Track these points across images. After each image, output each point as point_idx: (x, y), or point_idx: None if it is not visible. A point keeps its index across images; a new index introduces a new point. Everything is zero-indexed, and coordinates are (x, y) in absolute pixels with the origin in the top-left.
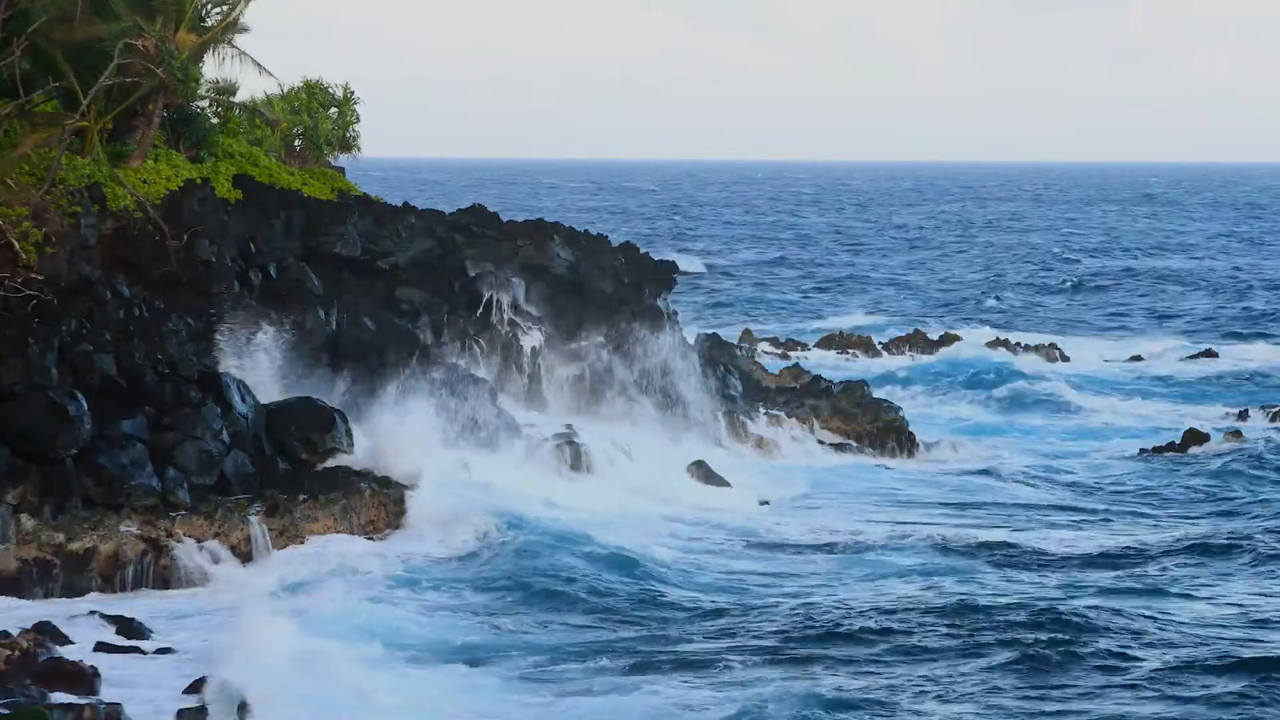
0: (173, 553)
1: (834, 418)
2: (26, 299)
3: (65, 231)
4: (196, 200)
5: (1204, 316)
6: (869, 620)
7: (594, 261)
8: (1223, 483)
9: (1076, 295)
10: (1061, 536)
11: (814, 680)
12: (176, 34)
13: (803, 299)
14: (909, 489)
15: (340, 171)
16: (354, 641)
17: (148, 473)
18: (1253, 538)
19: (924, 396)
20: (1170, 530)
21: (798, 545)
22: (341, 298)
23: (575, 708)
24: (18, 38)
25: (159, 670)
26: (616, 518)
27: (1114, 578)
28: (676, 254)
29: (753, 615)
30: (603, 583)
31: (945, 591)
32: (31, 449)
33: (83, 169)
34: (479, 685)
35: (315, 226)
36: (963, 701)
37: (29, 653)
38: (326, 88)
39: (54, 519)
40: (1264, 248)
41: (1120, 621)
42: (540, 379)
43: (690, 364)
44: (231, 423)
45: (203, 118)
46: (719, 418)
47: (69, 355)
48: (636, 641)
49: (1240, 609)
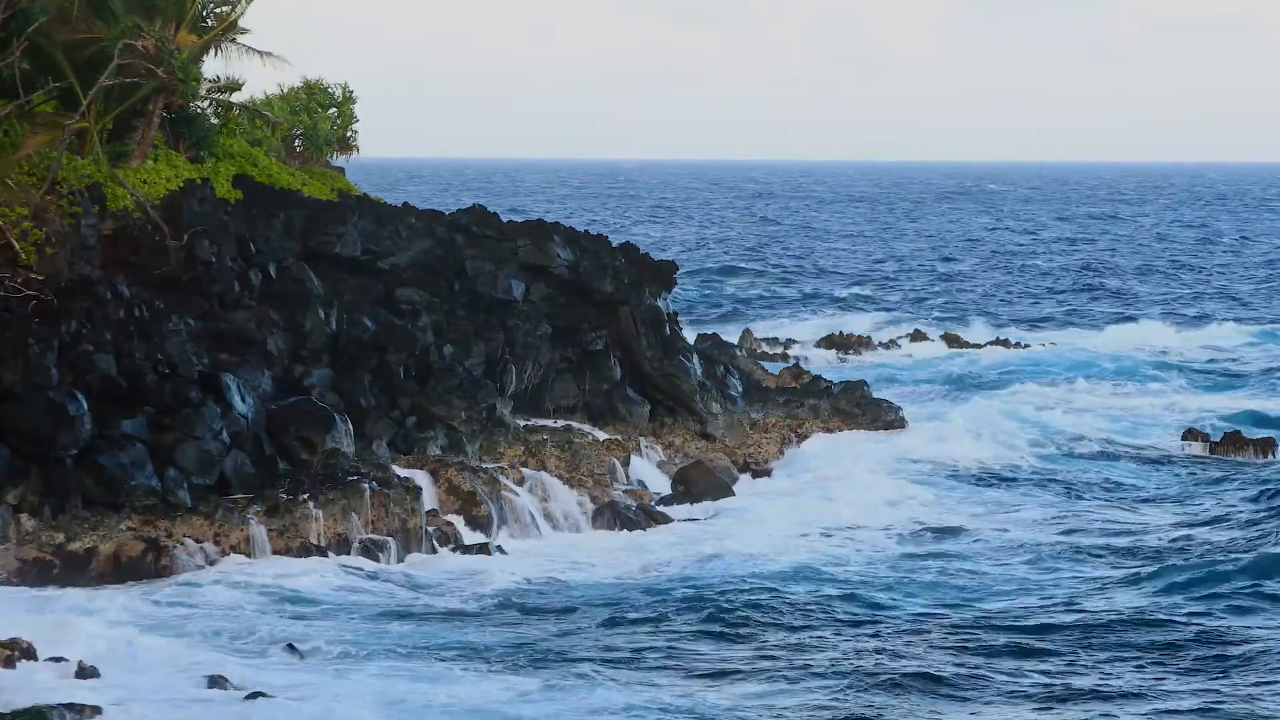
0: (173, 552)
1: (834, 418)
2: (26, 299)
3: (65, 232)
4: (196, 200)
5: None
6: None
7: (594, 261)
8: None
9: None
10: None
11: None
12: (176, 34)
13: (799, 298)
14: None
15: (340, 171)
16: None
17: (148, 473)
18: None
19: (925, 396)
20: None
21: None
22: (341, 298)
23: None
24: (17, 38)
25: (160, 669)
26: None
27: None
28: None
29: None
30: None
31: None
32: (31, 449)
33: (83, 169)
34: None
35: (315, 226)
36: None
37: (29, 652)
38: (326, 88)
39: (54, 519)
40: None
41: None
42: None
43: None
44: (231, 423)
45: (203, 118)
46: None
47: (69, 355)
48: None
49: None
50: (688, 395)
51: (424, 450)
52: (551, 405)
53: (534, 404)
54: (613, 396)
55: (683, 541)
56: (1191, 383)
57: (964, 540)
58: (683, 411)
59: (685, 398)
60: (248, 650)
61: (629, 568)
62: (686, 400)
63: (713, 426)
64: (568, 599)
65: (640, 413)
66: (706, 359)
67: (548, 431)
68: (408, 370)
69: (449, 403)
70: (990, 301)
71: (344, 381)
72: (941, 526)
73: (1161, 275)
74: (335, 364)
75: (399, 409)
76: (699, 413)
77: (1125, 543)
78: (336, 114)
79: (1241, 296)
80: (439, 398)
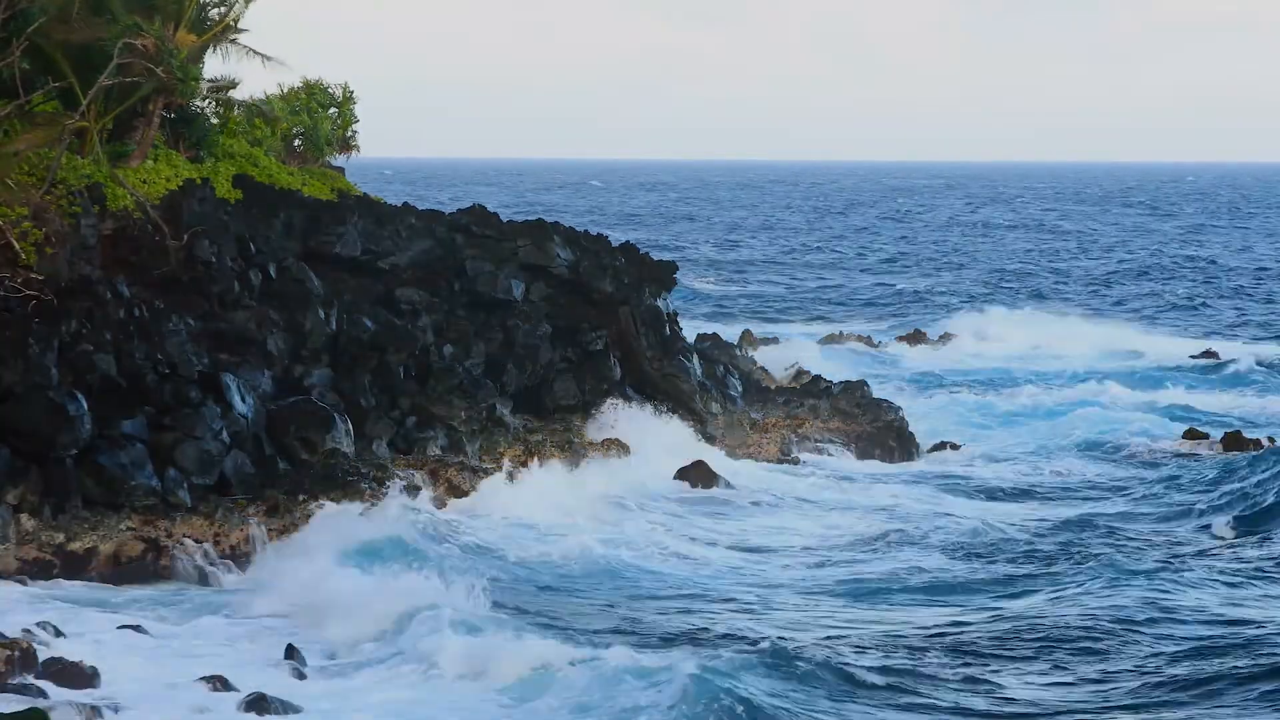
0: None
1: (834, 418)
2: (26, 299)
3: (65, 231)
4: (196, 200)
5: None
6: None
7: (594, 261)
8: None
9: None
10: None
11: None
12: (176, 34)
13: (801, 298)
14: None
15: (340, 171)
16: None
17: (148, 473)
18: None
19: (925, 396)
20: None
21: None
22: (341, 298)
23: None
24: (17, 38)
25: (160, 669)
26: None
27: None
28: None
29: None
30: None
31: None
32: (31, 449)
33: (83, 169)
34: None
35: (315, 226)
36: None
37: (29, 652)
38: (326, 88)
39: (54, 519)
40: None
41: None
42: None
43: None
44: (231, 423)
45: (203, 118)
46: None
47: (69, 355)
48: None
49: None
50: (688, 395)
51: (424, 450)
52: (551, 405)
53: (534, 404)
54: (613, 396)
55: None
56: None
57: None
58: (683, 411)
59: (685, 398)
60: (248, 651)
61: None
62: (686, 400)
63: (713, 426)
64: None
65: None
66: (706, 359)
67: (547, 431)
68: (408, 370)
69: (449, 403)
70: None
71: (344, 381)
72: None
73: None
74: (335, 364)
75: (399, 409)
76: (699, 413)
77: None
78: (337, 114)
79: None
80: (439, 398)
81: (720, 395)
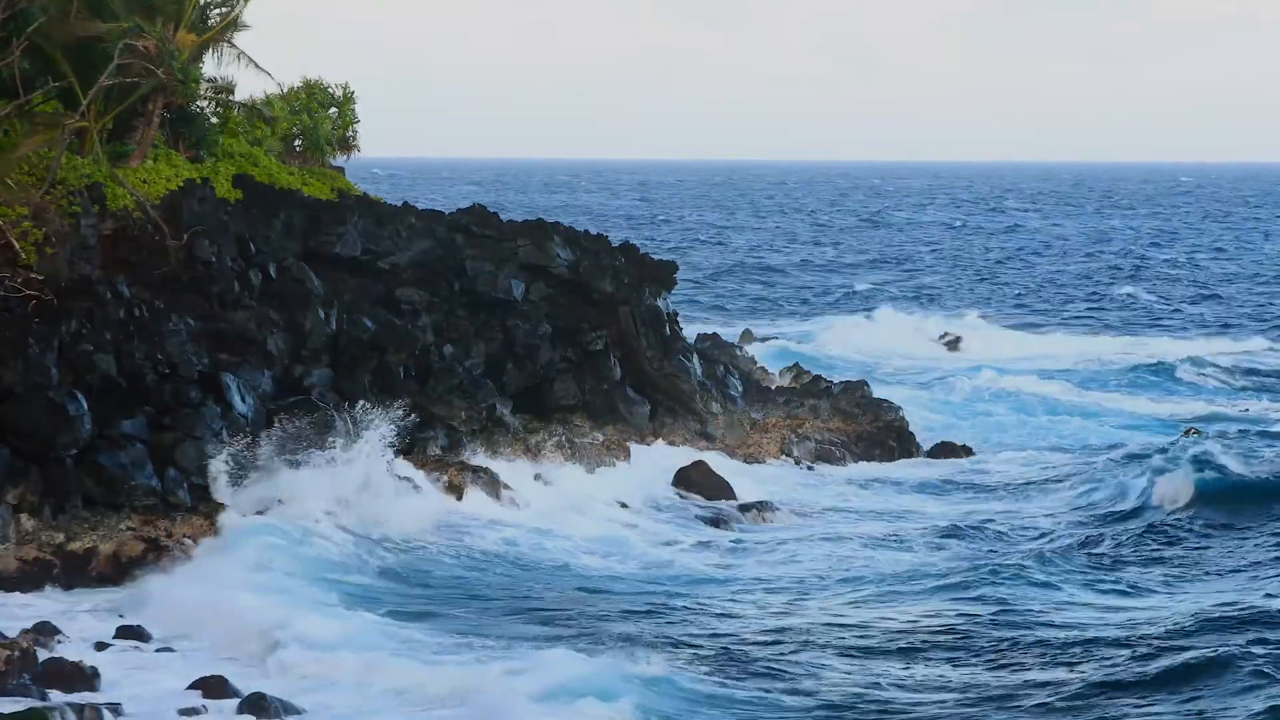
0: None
1: (834, 418)
2: (26, 299)
3: (65, 231)
4: (196, 200)
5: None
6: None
7: (594, 261)
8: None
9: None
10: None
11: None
12: (176, 34)
13: (800, 298)
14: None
15: (340, 171)
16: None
17: (148, 473)
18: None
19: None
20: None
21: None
22: (341, 298)
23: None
24: (17, 37)
25: (159, 669)
26: None
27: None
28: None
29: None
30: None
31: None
32: (31, 449)
33: (83, 169)
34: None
35: (315, 226)
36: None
37: (29, 652)
38: (326, 88)
39: (54, 519)
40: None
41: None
42: None
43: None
44: (231, 423)
45: (203, 118)
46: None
47: (69, 355)
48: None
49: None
50: (688, 395)
51: (424, 450)
52: (551, 405)
53: (534, 404)
54: (613, 396)
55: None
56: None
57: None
58: (683, 411)
59: (685, 398)
60: (248, 651)
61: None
62: (686, 400)
63: (713, 426)
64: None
65: (640, 413)
66: (706, 359)
67: (547, 431)
68: (408, 370)
69: (449, 403)
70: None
71: (344, 381)
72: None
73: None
74: (335, 364)
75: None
76: (699, 412)
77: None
78: (337, 114)
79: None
80: (439, 398)
81: (720, 395)
